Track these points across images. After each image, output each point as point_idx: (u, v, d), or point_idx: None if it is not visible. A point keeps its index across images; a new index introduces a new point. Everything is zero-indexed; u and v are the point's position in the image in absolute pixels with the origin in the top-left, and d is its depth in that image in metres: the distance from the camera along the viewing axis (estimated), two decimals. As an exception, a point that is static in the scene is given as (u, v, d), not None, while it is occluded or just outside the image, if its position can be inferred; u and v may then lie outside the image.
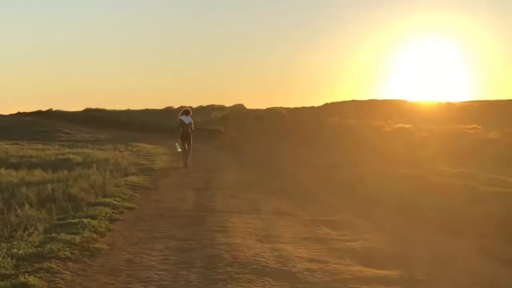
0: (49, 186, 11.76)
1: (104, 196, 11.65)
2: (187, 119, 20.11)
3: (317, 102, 56.37)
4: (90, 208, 10.20)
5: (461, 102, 49.14)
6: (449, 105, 47.07)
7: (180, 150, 20.42)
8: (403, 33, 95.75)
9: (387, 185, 13.53)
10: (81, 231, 8.24)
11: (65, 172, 14.80)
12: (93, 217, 9.36)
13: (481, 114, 37.45)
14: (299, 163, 21.06)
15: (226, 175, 17.41)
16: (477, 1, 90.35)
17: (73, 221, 8.88)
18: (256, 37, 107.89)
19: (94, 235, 8.24)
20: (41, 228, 8.31)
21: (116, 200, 11.30)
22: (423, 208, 10.74)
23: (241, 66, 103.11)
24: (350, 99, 50.11)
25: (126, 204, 11.15)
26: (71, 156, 19.84)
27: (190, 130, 20.02)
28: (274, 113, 42.87)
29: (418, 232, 9.40)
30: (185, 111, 20.50)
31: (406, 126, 26.54)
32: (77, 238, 7.78)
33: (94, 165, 16.76)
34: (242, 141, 31.55)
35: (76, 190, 11.64)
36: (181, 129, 20.15)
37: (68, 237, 7.76)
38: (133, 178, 15.10)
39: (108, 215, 9.83)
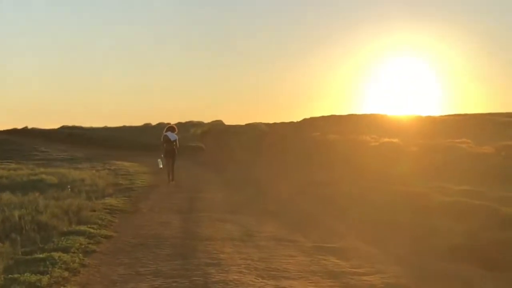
0: (16, 213, 10.44)
1: (79, 223, 10.42)
2: (172, 136, 19.67)
3: (296, 117, 55.64)
4: (62, 238, 8.96)
5: (442, 115, 48.78)
6: (430, 118, 46.50)
7: (161, 166, 19.91)
8: (378, 51, 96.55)
9: (386, 205, 12.48)
10: (50, 269, 7.02)
11: (37, 195, 13.48)
12: (65, 250, 8.13)
13: (466, 127, 36.74)
14: (285, 180, 19.92)
15: (211, 194, 16.21)
16: (445, 23, 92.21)
17: (41, 256, 7.64)
18: (234, 53, 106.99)
19: (65, 274, 7.02)
20: (1, 267, 7.04)
21: (93, 228, 10.06)
22: (439, 232, 9.62)
23: (219, 82, 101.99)
24: (329, 114, 49.41)
25: (103, 232, 9.92)
26: (44, 176, 18.51)
27: (175, 147, 19.54)
28: (254, 128, 41.99)
29: (440, 262, 8.23)
30: (170, 127, 20.15)
31: (394, 140, 25.50)
32: (44, 280, 6.57)
33: (69, 186, 15.46)
34: (224, 157, 30.45)
35: (47, 216, 10.38)
36: (165, 145, 19.59)
37: (34, 278, 6.55)
38: (112, 201, 13.84)
39: (83, 246, 8.61)
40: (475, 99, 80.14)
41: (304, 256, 8.50)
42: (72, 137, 47.19)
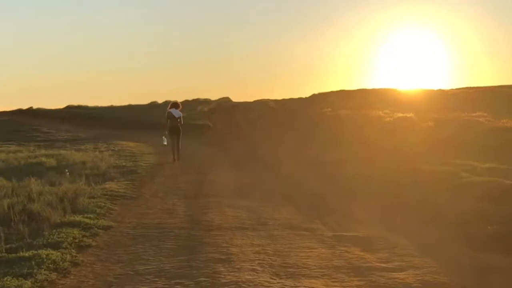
0: (6, 202, 9.50)
1: (75, 212, 9.48)
2: (176, 113, 19.18)
3: (305, 93, 54.54)
4: (54, 231, 8.01)
5: (453, 89, 47.71)
6: (442, 92, 45.42)
7: (165, 143, 19.48)
8: (387, 24, 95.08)
9: (410, 187, 11.51)
10: (35, 270, 6.08)
11: (32, 180, 12.54)
12: (55, 246, 7.20)
13: (479, 100, 35.61)
14: (296, 159, 18.94)
15: (219, 177, 15.23)
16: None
17: (27, 254, 6.69)
18: (241, 29, 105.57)
19: (53, 276, 6.10)
20: (-22, 269, 6.13)
21: (89, 218, 9.11)
22: (473, 217, 8.61)
23: (226, 59, 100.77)
24: (338, 89, 48.34)
25: (101, 222, 8.97)
26: (43, 159, 17.56)
27: (179, 124, 19.10)
28: (262, 105, 40.97)
29: (481, 253, 7.24)
30: (174, 104, 19.62)
31: (408, 115, 24.44)
32: (27, 285, 5.62)
33: (67, 170, 14.53)
34: (231, 136, 29.43)
35: (40, 205, 9.44)
36: (169, 122, 19.16)
37: (14, 283, 5.62)
38: (113, 185, 12.89)
39: (77, 240, 7.66)
40: (485, 71, 78.88)
41: (324, 248, 7.55)
42: (77, 117, 46.30)
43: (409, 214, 9.71)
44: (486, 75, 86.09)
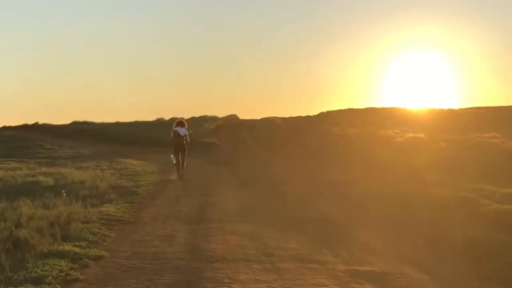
0: (-10, 228, 8.80)
1: (65, 239, 8.75)
2: (182, 131, 19.28)
3: (312, 111, 53.98)
4: (39, 262, 7.28)
5: (463, 108, 47.08)
6: (451, 111, 44.80)
7: (175, 162, 19.31)
8: (395, 44, 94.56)
9: (428, 214, 10.74)
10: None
11: (26, 201, 11.84)
12: (38, 281, 6.49)
13: (490, 121, 34.95)
14: (305, 179, 18.20)
15: (223, 198, 14.50)
16: (462, 16, 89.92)
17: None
18: (248, 46, 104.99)
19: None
20: None
21: (80, 246, 8.37)
22: (499, 251, 7.83)
23: (233, 76, 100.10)
24: (346, 107, 47.82)
25: (93, 251, 8.23)
26: (41, 178, 16.85)
27: (185, 142, 19.13)
28: (269, 123, 40.47)
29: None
30: (180, 122, 19.68)
31: (419, 135, 23.70)
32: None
33: (64, 191, 13.82)
34: (238, 154, 28.69)
35: (28, 232, 8.71)
36: (175, 140, 19.25)
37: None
38: (110, 208, 12.16)
39: (63, 274, 6.92)
40: (493, 92, 78.20)
41: (337, 286, 6.78)
42: (82, 133, 45.66)
43: (429, 245, 8.94)
44: (494, 96, 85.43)
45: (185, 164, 19.20)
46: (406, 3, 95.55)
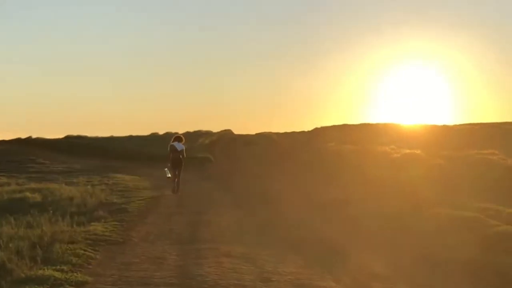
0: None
1: (47, 262, 8.15)
2: (179, 146, 19.37)
3: (307, 126, 53.54)
4: (14, 290, 6.68)
5: (457, 124, 46.83)
6: (446, 128, 44.53)
7: (169, 175, 19.48)
8: (388, 59, 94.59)
9: (433, 234, 10.19)
10: None
11: (8, 220, 11.24)
12: (11, 312, 5.87)
13: (486, 137, 34.63)
14: (301, 198, 17.60)
15: (217, 217, 13.90)
16: (454, 30, 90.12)
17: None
18: (243, 61, 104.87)
19: None
20: None
21: (62, 270, 7.76)
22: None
23: (228, 91, 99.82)
24: (340, 123, 47.66)
25: (75, 276, 7.61)
26: (28, 194, 16.23)
27: (181, 157, 19.23)
28: (264, 138, 40.08)
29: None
30: (177, 137, 19.84)
31: (416, 151, 23.22)
32: None
33: (50, 208, 13.21)
34: (233, 170, 28.16)
35: (6, 254, 8.11)
36: (171, 155, 19.29)
37: None
38: (98, 227, 11.56)
39: (40, 303, 6.32)
40: (486, 108, 78.19)
41: (341, 316, 6.22)
42: (75, 147, 45.17)
43: (437, 269, 8.38)
44: (487, 112, 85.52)
45: (180, 179, 19.19)
46: (400, 18, 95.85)
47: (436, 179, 17.79)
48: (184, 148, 19.52)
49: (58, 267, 7.96)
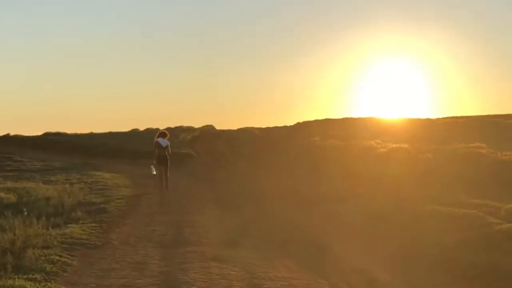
0: None
1: (18, 271, 7.46)
2: (164, 142, 19.05)
3: (289, 121, 53.08)
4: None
5: (441, 118, 46.59)
6: (429, 121, 44.24)
7: (155, 172, 19.16)
8: (369, 54, 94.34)
9: (432, 234, 9.71)
10: None
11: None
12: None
13: (471, 130, 34.24)
14: (287, 195, 17.05)
15: (202, 216, 13.27)
16: (433, 24, 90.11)
17: None
18: (224, 56, 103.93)
19: None
20: None
21: (35, 280, 7.09)
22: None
23: (209, 86, 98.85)
24: (322, 117, 47.17)
25: (48, 286, 6.94)
26: (2, 194, 15.46)
27: (167, 153, 18.92)
28: (246, 133, 39.41)
29: None
30: (162, 133, 19.49)
31: (403, 146, 22.75)
32: None
33: (26, 209, 12.50)
34: (216, 166, 27.49)
35: (-27, 262, 7.43)
36: (157, 151, 18.96)
37: None
38: (75, 229, 10.87)
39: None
40: (468, 101, 78.26)
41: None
42: (53, 145, 44.15)
43: (438, 272, 7.84)
44: (467, 105, 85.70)
45: (168, 175, 18.91)
46: (379, 13, 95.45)
47: (426, 174, 17.35)
48: (169, 144, 19.23)
49: (31, 275, 7.28)
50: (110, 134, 50.22)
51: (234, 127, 46.03)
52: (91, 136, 50.91)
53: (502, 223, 9.44)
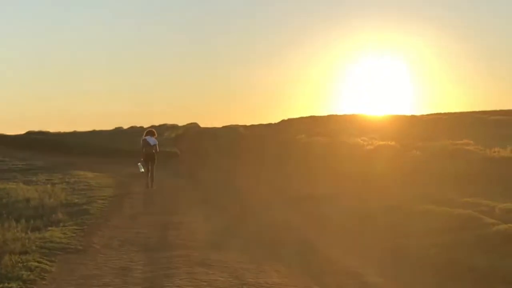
0: None
1: (-7, 279, 7.05)
2: (151, 140, 19.23)
3: (273, 119, 52.93)
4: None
5: (425, 115, 46.65)
6: (414, 118, 44.28)
7: (143, 170, 19.25)
8: (352, 50, 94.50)
9: (427, 234, 9.33)
10: None
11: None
12: None
13: (456, 127, 34.29)
14: (274, 194, 16.72)
15: (187, 217, 12.88)
16: (417, 21, 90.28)
17: None
18: (208, 53, 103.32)
19: None
20: None
21: (10, 288, 6.70)
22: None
23: (193, 83, 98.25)
24: (307, 114, 47.20)
25: (25, 295, 6.56)
26: (-20, 196, 15.00)
27: (154, 151, 19.08)
28: (231, 131, 39.23)
29: None
30: (150, 131, 19.66)
31: (390, 143, 22.53)
32: None
33: (4, 211, 12.04)
34: (200, 164, 27.07)
35: None
36: (144, 149, 19.13)
37: None
38: (55, 232, 10.43)
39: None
40: (451, 97, 78.63)
41: None
42: (36, 144, 43.49)
43: (438, 275, 7.51)
44: (451, 101, 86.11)
45: (154, 173, 18.99)
46: (363, 9, 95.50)
47: (415, 172, 17.11)
48: (157, 142, 19.34)
49: (6, 284, 6.87)
50: (94, 133, 49.79)
51: (219, 124, 45.84)
52: (75, 134, 50.40)
53: (498, 223, 9.14)
